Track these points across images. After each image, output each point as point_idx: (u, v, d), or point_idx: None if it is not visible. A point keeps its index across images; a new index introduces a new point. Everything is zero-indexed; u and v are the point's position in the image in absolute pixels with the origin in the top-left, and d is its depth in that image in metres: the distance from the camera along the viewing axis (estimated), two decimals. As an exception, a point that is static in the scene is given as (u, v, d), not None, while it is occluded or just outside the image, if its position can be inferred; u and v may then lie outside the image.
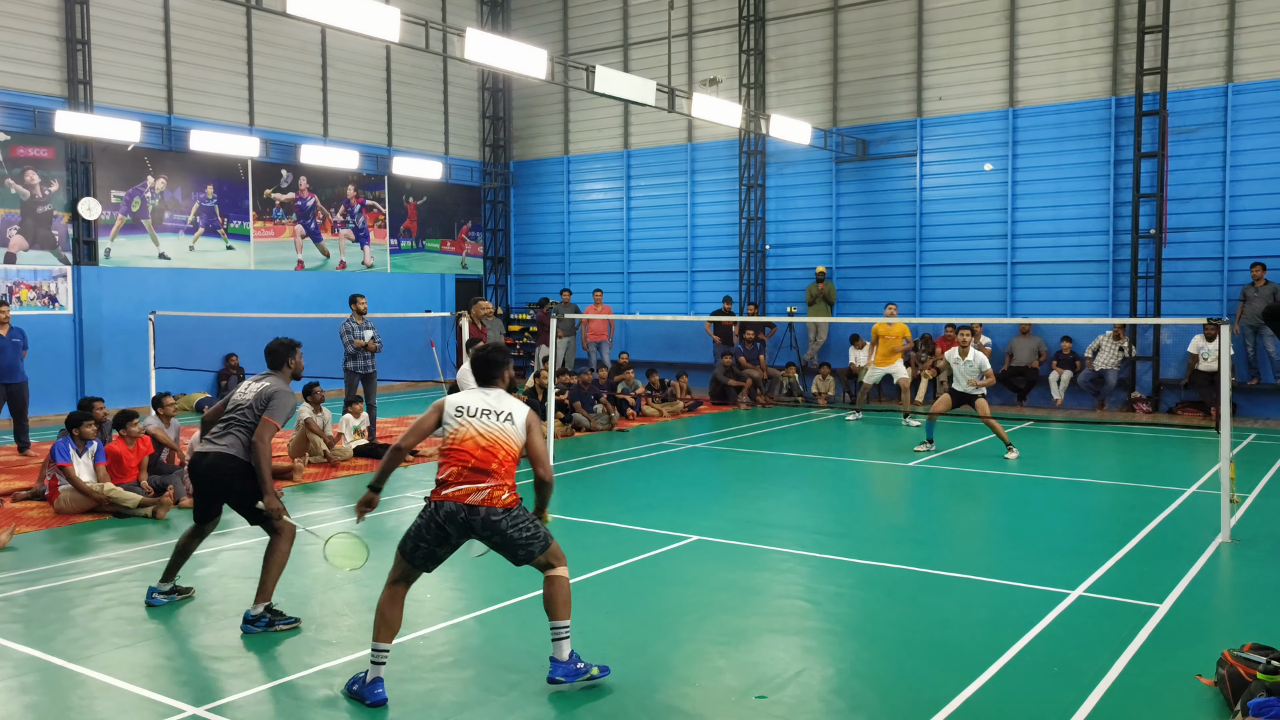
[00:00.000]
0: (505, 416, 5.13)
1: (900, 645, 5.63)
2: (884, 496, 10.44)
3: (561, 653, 5.05)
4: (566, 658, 5.05)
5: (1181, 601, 6.35)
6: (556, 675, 5.02)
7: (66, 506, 9.00)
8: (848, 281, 19.29)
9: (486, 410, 5.14)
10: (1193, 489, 9.95)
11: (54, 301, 16.21)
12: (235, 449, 6.10)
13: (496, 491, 5.01)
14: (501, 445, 5.08)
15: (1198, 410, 15.68)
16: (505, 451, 5.08)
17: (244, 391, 6.34)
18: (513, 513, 5.05)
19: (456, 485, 5.00)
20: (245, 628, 5.90)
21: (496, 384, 5.31)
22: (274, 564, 6.03)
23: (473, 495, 4.97)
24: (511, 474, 5.12)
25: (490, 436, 5.08)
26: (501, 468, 5.06)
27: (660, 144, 21.49)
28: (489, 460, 5.04)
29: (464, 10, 22.57)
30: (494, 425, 5.10)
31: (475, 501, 4.97)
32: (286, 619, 6.01)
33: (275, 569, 6.03)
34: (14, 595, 6.66)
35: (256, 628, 5.89)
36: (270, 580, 6.00)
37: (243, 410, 6.20)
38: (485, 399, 5.20)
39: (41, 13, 15.92)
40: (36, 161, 15.96)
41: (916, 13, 18.34)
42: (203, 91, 18.07)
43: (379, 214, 21.31)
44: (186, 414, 15.54)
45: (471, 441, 5.07)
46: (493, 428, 5.10)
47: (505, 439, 5.09)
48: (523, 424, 5.16)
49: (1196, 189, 16.10)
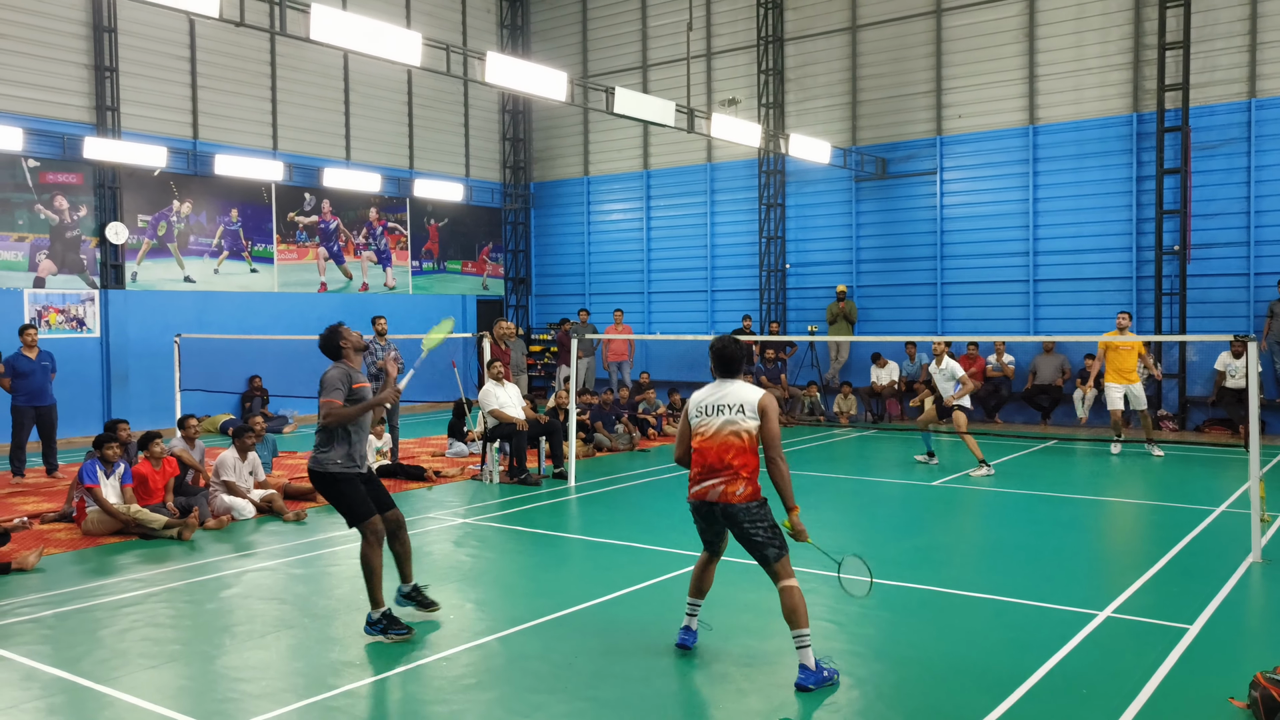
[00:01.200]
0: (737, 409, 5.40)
1: (926, 666, 5.59)
2: (907, 516, 10.36)
3: (807, 659, 5.23)
4: (814, 665, 5.24)
5: (1212, 623, 6.26)
6: (806, 683, 5.19)
7: (94, 528, 9.08)
8: (869, 300, 19.24)
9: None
10: (1221, 508, 9.83)
11: (81, 325, 16.42)
12: (311, 463, 6.26)
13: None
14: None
15: (1225, 428, 15.50)
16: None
17: None
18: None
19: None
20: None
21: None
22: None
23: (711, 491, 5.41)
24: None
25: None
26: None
27: (680, 164, 21.57)
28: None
29: (484, 34, 22.80)
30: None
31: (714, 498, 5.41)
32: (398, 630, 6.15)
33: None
34: (42, 616, 6.72)
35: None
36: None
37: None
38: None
39: (70, 41, 16.21)
40: (65, 187, 16.22)
41: (935, 31, 18.37)
42: (227, 117, 18.33)
43: (401, 236, 21.48)
44: (211, 435, 15.67)
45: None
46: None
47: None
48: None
49: (1220, 204, 15.99)
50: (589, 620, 6.50)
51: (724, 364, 5.51)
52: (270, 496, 10.10)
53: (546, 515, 10.08)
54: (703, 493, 5.43)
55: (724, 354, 5.50)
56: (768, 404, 5.37)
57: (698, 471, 5.46)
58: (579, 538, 9.17)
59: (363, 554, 6.19)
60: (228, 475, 9.96)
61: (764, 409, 5.36)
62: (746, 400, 5.38)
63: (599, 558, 8.41)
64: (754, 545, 5.41)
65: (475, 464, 13.12)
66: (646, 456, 13.99)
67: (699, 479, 5.46)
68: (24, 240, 15.77)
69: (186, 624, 6.52)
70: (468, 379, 18.87)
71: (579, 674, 5.52)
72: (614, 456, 14.08)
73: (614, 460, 13.72)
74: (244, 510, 9.83)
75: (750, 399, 5.37)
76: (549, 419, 12.86)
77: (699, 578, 5.82)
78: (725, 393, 5.44)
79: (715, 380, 5.57)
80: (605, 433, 14.65)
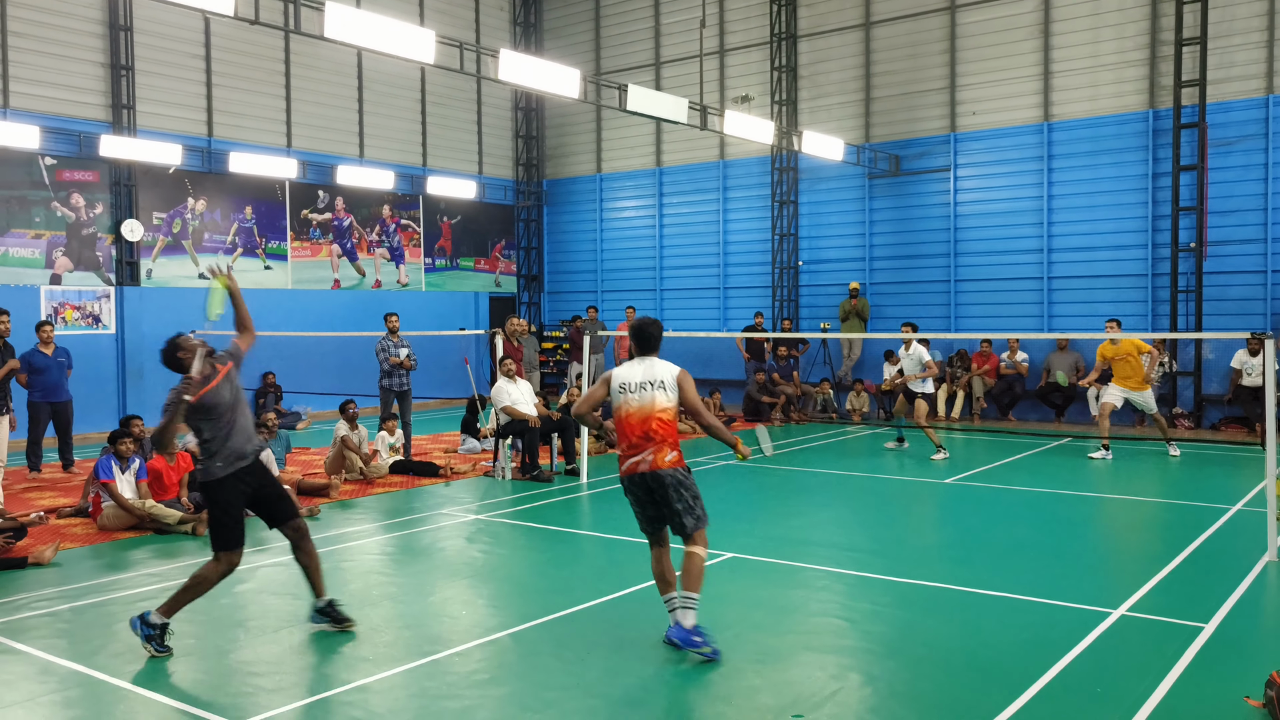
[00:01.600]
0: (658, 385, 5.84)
1: (938, 664, 5.57)
2: (920, 513, 10.34)
3: (688, 620, 5.60)
4: (691, 625, 5.59)
5: (1228, 621, 6.22)
6: (673, 637, 5.61)
7: (109, 523, 9.14)
8: (881, 297, 19.18)
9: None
10: (1237, 507, 9.76)
11: (97, 321, 16.52)
12: (199, 474, 6.25)
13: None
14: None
15: (1242, 426, 15.39)
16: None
17: None
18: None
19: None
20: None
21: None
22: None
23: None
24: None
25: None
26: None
27: (692, 161, 21.55)
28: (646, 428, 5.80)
29: (497, 32, 22.82)
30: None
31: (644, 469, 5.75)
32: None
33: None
34: (59, 610, 6.77)
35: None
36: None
37: None
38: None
39: (87, 40, 16.30)
40: (82, 185, 16.32)
41: (949, 27, 18.29)
42: (242, 114, 18.40)
43: (414, 233, 21.54)
44: (225, 432, 15.74)
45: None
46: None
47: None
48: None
49: (1238, 201, 15.87)
50: (602, 616, 6.50)
51: (642, 342, 6.02)
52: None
53: (559, 511, 10.09)
54: (633, 468, 5.80)
55: (642, 334, 6.02)
56: (684, 378, 5.92)
57: (626, 447, 5.85)
58: (591, 534, 9.18)
59: (204, 569, 5.94)
60: (242, 471, 9.99)
61: (680, 382, 5.89)
62: (665, 376, 5.87)
63: (611, 554, 8.42)
64: (674, 512, 5.78)
65: (488, 460, 13.16)
66: (659, 454, 13.97)
67: (628, 455, 5.83)
68: (41, 237, 15.87)
69: (200, 618, 6.56)
70: (480, 376, 18.91)
71: (592, 670, 5.53)
72: (626, 453, 14.07)
73: (626, 457, 13.71)
74: (258, 506, 9.86)
75: (669, 374, 5.89)
76: (561, 416, 12.88)
77: (660, 575, 5.96)
78: (645, 369, 5.92)
79: (634, 358, 6.05)
80: (617, 430, 14.64)
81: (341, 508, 10.33)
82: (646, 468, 5.74)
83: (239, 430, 6.08)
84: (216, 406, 6.04)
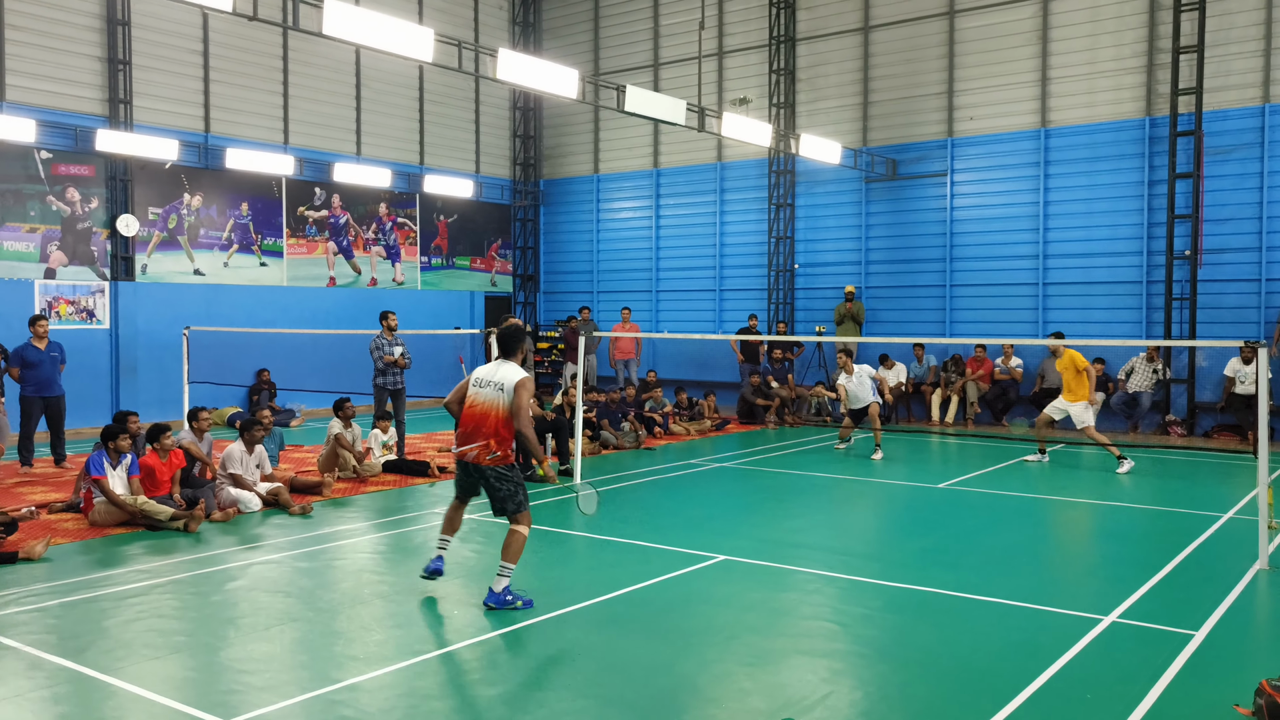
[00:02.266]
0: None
1: (929, 669, 5.57)
2: (913, 518, 10.34)
3: (498, 585, 6.47)
4: (501, 590, 6.46)
5: (1218, 629, 6.23)
6: (490, 602, 6.45)
7: (101, 519, 9.12)
8: (877, 301, 19.21)
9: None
10: (1229, 515, 9.79)
11: (91, 316, 16.48)
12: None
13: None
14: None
15: (1234, 434, 15.42)
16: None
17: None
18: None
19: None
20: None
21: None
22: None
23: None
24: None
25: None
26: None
27: (690, 163, 21.56)
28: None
29: (496, 31, 22.81)
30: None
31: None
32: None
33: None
34: (48, 606, 6.75)
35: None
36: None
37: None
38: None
39: (84, 34, 16.27)
40: (77, 179, 16.28)
41: (947, 32, 18.32)
42: (239, 110, 18.37)
43: (410, 231, 21.52)
44: (220, 428, 15.72)
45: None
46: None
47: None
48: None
49: (1233, 210, 15.91)
50: (593, 617, 6.50)
51: (500, 344, 6.77)
52: (277, 490, 10.13)
53: (552, 512, 10.08)
54: (462, 454, 6.63)
55: (501, 336, 6.82)
56: (522, 385, 6.50)
57: (461, 433, 6.65)
58: (583, 535, 9.17)
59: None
60: (234, 468, 9.99)
61: (517, 388, 6.49)
62: (507, 380, 6.55)
63: (604, 555, 8.42)
64: (497, 500, 6.62)
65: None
66: (652, 455, 13.99)
67: (461, 440, 6.65)
68: (35, 231, 15.83)
69: (191, 615, 6.54)
70: (475, 375, 18.85)
71: (583, 670, 5.53)
72: (620, 454, 14.08)
73: (620, 458, 13.72)
74: (250, 503, 9.86)
75: (510, 379, 6.53)
76: (555, 416, 12.87)
77: (450, 519, 6.98)
78: (495, 370, 6.65)
79: (495, 359, 6.83)
80: (612, 430, 14.65)
81: (334, 506, 10.31)
82: (471, 459, 6.57)
83: None
84: None
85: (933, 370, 18.13)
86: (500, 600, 6.46)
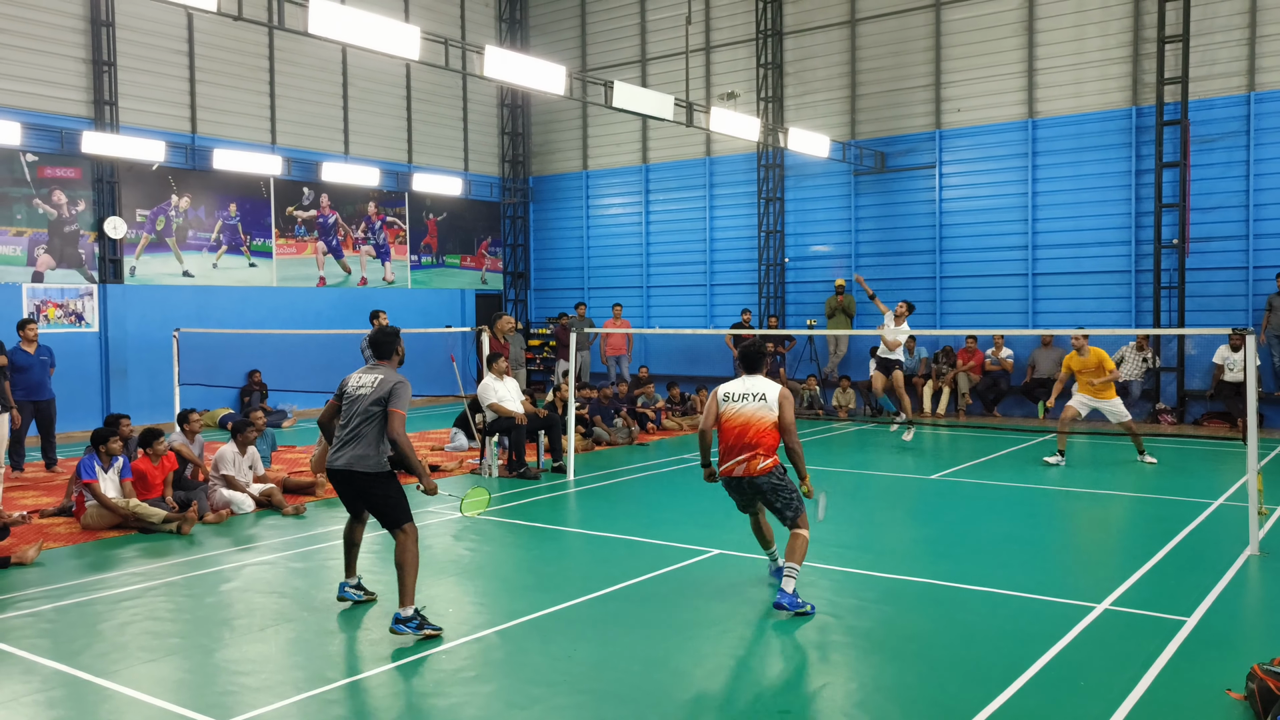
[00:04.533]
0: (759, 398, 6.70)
1: (923, 659, 5.60)
2: (905, 509, 10.38)
3: (788, 586, 6.36)
4: (791, 591, 6.35)
5: (1209, 615, 6.28)
6: (781, 602, 6.33)
7: (93, 522, 9.09)
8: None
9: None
10: (1219, 501, 9.84)
11: (80, 319, 16.41)
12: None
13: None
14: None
15: (1224, 421, 15.51)
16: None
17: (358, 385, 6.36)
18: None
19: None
20: (397, 628, 5.95)
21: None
22: (409, 566, 6.07)
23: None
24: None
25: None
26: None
27: (679, 158, 21.55)
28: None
29: (483, 28, 22.76)
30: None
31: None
32: (431, 625, 6.04)
33: (411, 570, 6.07)
34: (42, 610, 6.73)
35: (408, 629, 5.94)
36: (410, 582, 6.04)
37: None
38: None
39: (69, 36, 16.18)
40: (64, 182, 16.20)
41: (934, 25, 18.34)
42: (226, 111, 18.30)
43: (399, 230, 21.47)
44: (211, 430, 15.68)
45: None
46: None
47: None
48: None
49: (1220, 198, 15.98)
50: (587, 614, 6.51)
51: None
52: (269, 491, 10.11)
53: (545, 509, 10.09)
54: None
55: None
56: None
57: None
58: (577, 531, 9.18)
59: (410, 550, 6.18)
60: (227, 470, 9.97)
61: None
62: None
63: (597, 551, 8.43)
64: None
65: (474, 458, 13.14)
66: (645, 451, 14.00)
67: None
68: (22, 235, 15.75)
69: (185, 617, 6.53)
70: (467, 373, 18.87)
71: (578, 667, 5.54)
72: (612, 451, 14.09)
73: (612, 454, 13.73)
74: (243, 504, 9.84)
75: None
76: (548, 413, 12.86)
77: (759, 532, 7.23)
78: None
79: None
80: (604, 427, 14.66)
81: (327, 506, 10.29)
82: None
83: None
84: None
85: (924, 362, 18.17)
86: (792, 600, 6.33)
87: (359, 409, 6.22)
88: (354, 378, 6.43)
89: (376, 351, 6.53)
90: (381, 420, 6.16)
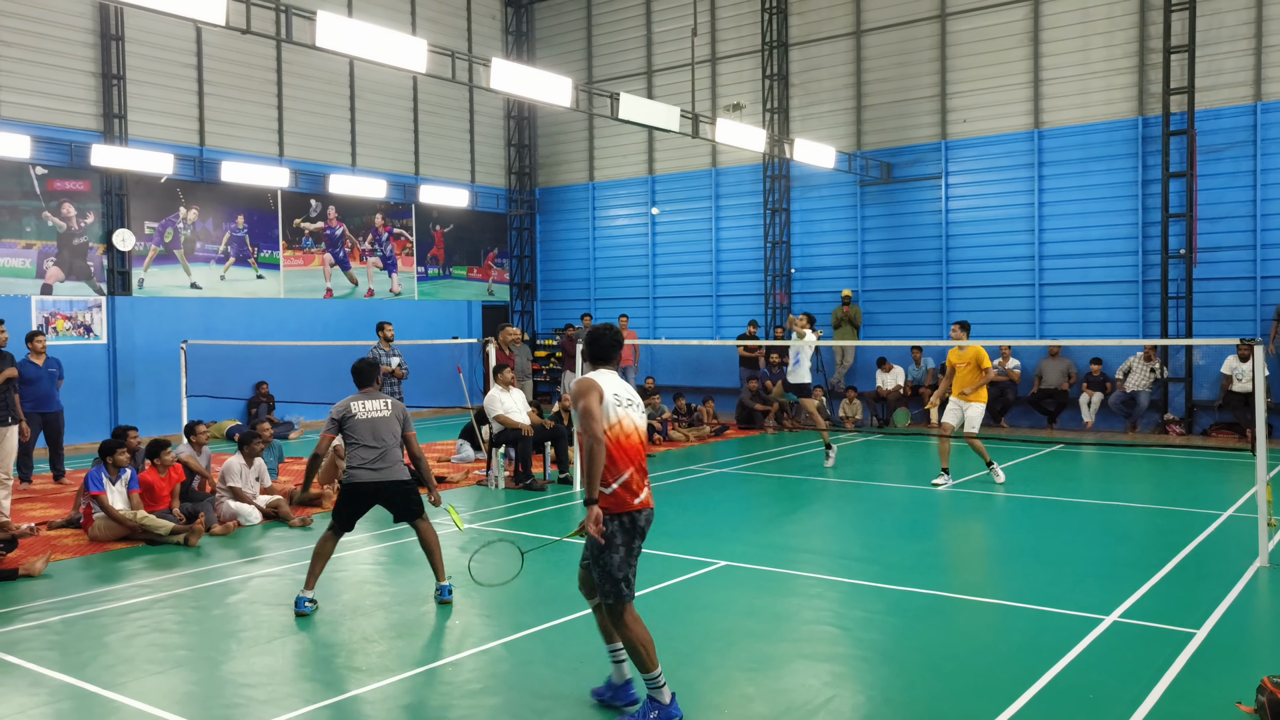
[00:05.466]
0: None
1: (931, 671, 5.58)
2: (912, 521, 10.35)
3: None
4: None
5: (1219, 627, 6.24)
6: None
7: (100, 534, 9.11)
8: (874, 305, 19.23)
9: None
10: (1228, 513, 9.80)
11: (89, 331, 16.48)
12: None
13: None
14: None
15: (1232, 432, 15.45)
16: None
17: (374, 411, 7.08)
18: None
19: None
20: (446, 596, 7.00)
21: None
22: (437, 546, 7.13)
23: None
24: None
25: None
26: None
27: (685, 169, 21.59)
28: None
29: (489, 40, 22.86)
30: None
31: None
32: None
33: (439, 548, 7.16)
34: (50, 622, 6.74)
35: (450, 595, 7.02)
36: (441, 557, 7.14)
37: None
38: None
39: (78, 49, 16.29)
40: (73, 194, 16.29)
41: (939, 35, 18.37)
42: (234, 124, 18.39)
43: (406, 242, 21.53)
44: (218, 442, 15.70)
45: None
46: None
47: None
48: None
49: (1227, 208, 15.95)
50: (594, 625, 6.48)
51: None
52: (276, 502, 10.12)
53: (551, 520, 10.08)
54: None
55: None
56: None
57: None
58: (583, 543, 9.16)
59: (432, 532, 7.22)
60: (234, 481, 9.99)
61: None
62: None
63: (604, 563, 8.40)
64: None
65: (481, 469, 13.14)
66: (651, 461, 13.99)
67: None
68: (31, 247, 15.83)
69: (193, 629, 6.54)
70: (473, 385, 18.89)
71: (584, 679, 5.52)
72: (619, 462, 14.04)
73: (619, 465, 13.68)
74: (250, 516, 9.86)
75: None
76: (554, 424, 12.86)
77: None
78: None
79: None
80: (611, 438, 14.62)
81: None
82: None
83: None
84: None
85: (930, 373, 18.14)
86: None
87: (389, 429, 7.05)
88: (359, 405, 7.04)
89: (363, 379, 7.22)
90: (402, 438, 7.16)
